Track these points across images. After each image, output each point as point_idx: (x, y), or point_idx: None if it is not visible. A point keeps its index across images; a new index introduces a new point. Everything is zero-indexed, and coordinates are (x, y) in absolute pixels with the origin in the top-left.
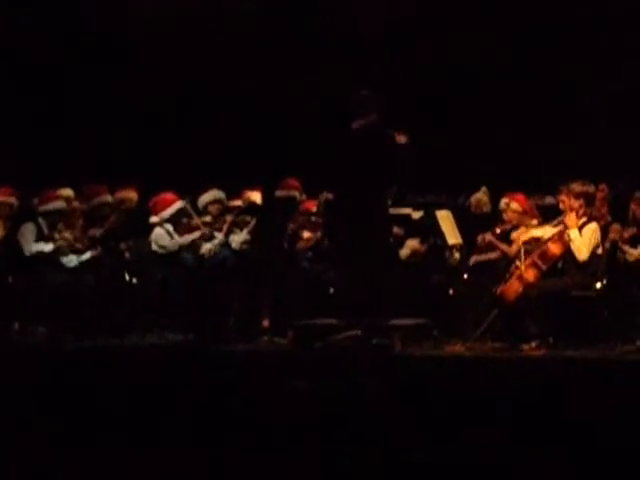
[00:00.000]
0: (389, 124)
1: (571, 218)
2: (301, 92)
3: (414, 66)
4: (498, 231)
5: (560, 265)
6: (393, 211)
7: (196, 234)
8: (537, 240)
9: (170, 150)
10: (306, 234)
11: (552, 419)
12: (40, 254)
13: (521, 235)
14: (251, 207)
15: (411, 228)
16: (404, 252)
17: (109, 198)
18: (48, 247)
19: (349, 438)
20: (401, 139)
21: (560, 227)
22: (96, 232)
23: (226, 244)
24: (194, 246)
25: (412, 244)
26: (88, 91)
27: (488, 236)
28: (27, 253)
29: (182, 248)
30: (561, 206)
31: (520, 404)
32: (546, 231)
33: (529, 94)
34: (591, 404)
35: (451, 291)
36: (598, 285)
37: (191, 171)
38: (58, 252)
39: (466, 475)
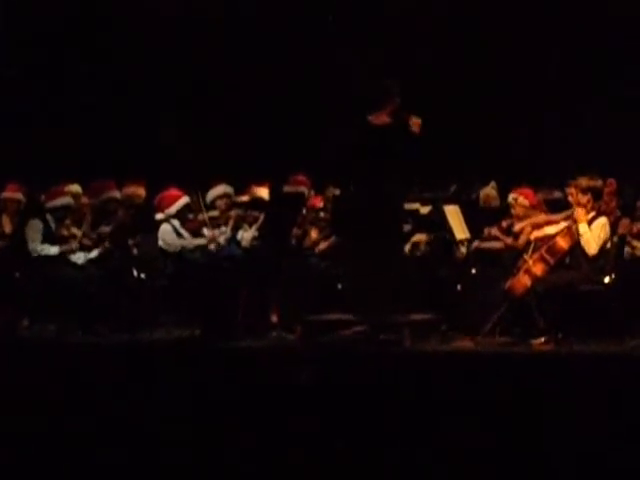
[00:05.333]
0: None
1: (580, 213)
2: (310, 86)
3: (424, 60)
4: (504, 225)
5: (568, 259)
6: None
7: (202, 240)
8: (549, 237)
9: (178, 146)
10: (314, 230)
11: (561, 414)
12: (45, 256)
13: (532, 232)
14: (258, 202)
15: (419, 223)
16: (405, 246)
17: (117, 194)
18: (54, 250)
19: (356, 433)
20: (415, 125)
21: (569, 221)
22: (105, 229)
23: (234, 240)
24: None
25: (416, 237)
26: (95, 86)
27: (494, 230)
28: (33, 253)
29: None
30: (570, 199)
31: (528, 399)
32: (558, 227)
33: (539, 89)
34: (600, 398)
35: (459, 286)
36: (607, 279)
37: (199, 167)
38: (63, 254)
39: (471, 468)
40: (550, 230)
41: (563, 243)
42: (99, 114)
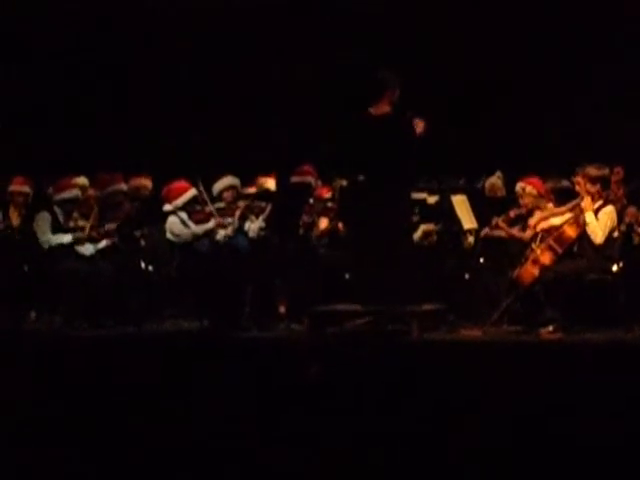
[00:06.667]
0: (407, 106)
1: (587, 201)
2: (315, 76)
3: (430, 48)
4: (512, 215)
5: (576, 248)
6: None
7: (210, 224)
8: (556, 227)
9: (184, 137)
10: (322, 220)
11: (568, 402)
12: (59, 246)
13: (539, 223)
14: (265, 193)
15: (426, 213)
16: (416, 234)
17: (124, 186)
18: (67, 238)
19: (362, 425)
20: (419, 126)
21: (576, 210)
22: (112, 226)
23: (241, 231)
24: (209, 232)
25: (424, 226)
26: (102, 78)
27: (500, 221)
28: (45, 245)
29: (196, 236)
30: (577, 188)
31: (537, 388)
32: (563, 218)
33: (544, 77)
34: (608, 387)
35: (467, 276)
36: (614, 268)
37: (205, 158)
38: (75, 242)
39: (481, 459)
40: (556, 221)
41: (571, 232)
42: (106, 106)
